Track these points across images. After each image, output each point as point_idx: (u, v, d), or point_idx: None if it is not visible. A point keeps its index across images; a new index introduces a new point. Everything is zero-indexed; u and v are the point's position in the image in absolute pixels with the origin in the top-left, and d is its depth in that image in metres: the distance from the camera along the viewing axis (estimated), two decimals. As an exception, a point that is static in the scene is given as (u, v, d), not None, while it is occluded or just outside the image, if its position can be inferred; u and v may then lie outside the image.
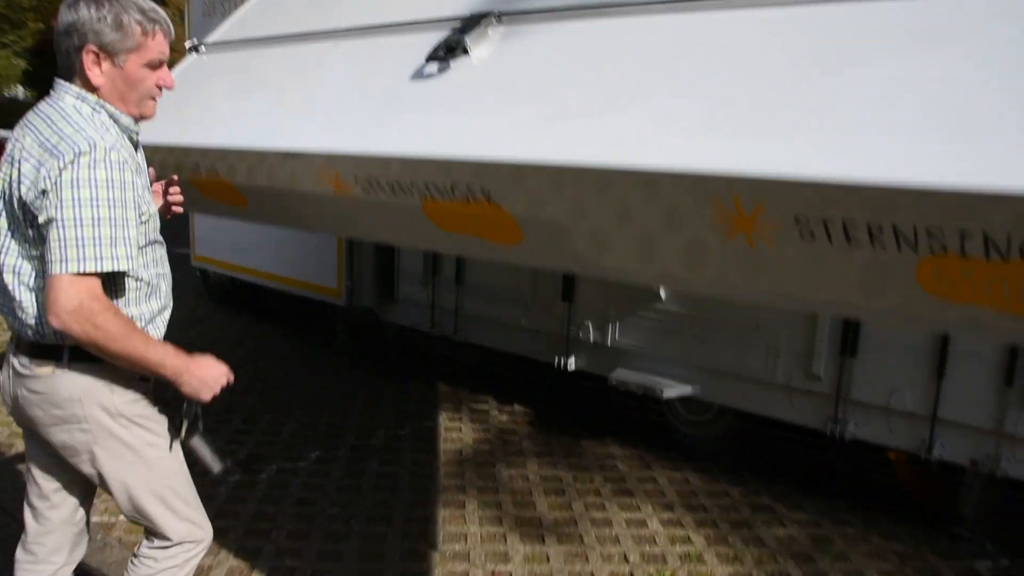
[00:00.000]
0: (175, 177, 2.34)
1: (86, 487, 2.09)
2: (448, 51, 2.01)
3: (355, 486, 3.91)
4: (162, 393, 1.98)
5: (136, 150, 1.97)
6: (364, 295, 5.70)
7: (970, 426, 3.39)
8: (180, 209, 2.34)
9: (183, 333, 6.12)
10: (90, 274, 1.72)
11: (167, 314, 2.06)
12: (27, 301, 1.86)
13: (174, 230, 2.74)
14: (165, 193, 2.31)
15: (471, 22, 2.07)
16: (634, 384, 4.32)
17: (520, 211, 1.69)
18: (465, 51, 1.99)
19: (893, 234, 1.18)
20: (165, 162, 2.53)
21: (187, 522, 2.05)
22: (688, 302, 4.16)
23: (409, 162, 1.86)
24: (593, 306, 4.57)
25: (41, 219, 1.74)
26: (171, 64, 2.05)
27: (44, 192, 1.73)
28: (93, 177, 1.73)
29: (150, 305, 1.97)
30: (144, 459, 1.97)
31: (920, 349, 3.46)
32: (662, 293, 4.24)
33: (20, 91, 30.23)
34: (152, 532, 2.05)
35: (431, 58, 2.04)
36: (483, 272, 5.07)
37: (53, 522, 2.07)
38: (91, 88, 1.86)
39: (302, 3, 3.20)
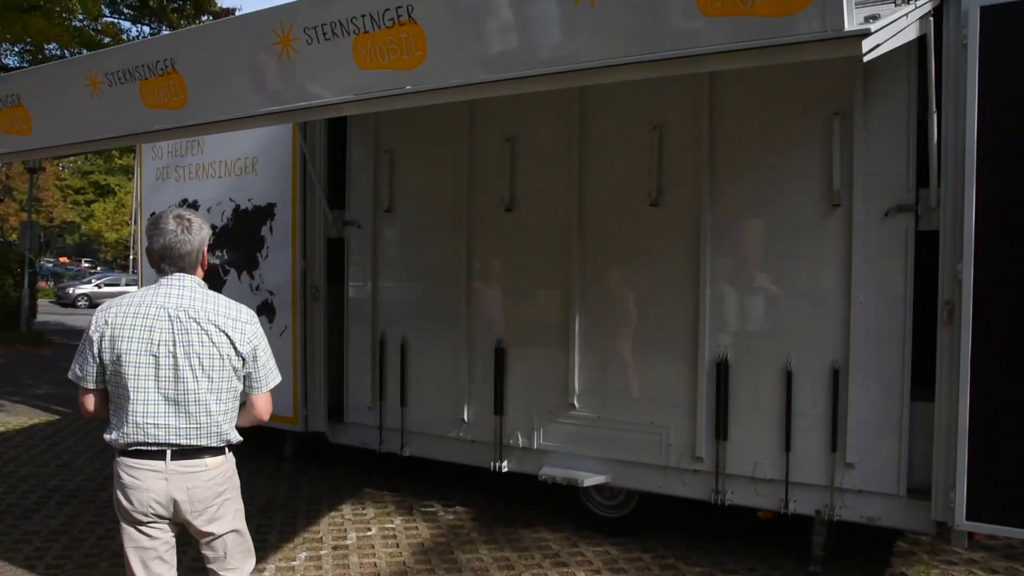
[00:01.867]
0: None
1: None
2: None
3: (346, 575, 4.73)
4: None
5: None
6: (317, 420, 6.53)
7: (812, 484, 4.62)
8: None
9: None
10: None
11: None
12: (214, 420, 2.78)
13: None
14: None
15: None
16: (559, 477, 5.36)
17: (430, 19, 2.56)
18: None
19: None
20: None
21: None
22: (596, 407, 5.29)
23: None
24: (520, 417, 5.62)
25: (251, 362, 2.85)
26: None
27: (256, 347, 2.85)
28: (263, 329, 2.94)
29: None
30: (240, 504, 3.04)
31: (772, 429, 4.69)
32: (576, 402, 5.36)
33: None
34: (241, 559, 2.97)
35: None
36: (425, 394, 6.04)
37: None
38: (203, 270, 2.89)
39: None
